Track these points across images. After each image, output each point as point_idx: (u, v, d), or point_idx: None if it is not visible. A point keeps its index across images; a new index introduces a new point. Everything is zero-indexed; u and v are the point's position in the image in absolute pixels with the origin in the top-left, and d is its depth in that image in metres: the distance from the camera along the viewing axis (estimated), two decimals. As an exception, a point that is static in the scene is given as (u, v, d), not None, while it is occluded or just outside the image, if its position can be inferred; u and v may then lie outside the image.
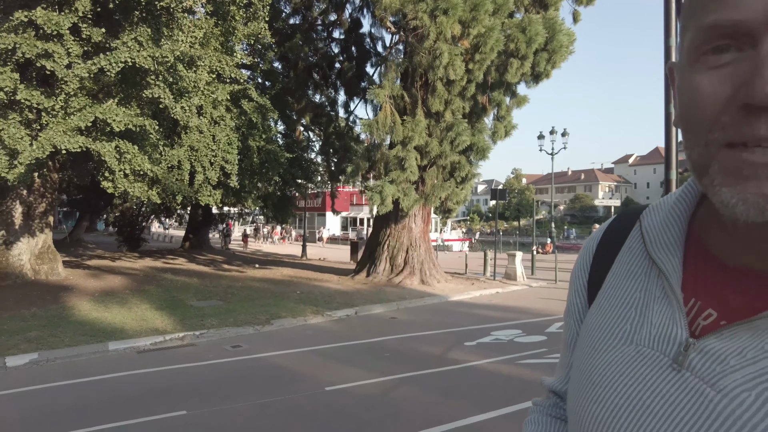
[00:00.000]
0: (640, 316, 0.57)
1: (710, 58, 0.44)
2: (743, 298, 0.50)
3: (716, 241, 0.54)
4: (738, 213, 0.43)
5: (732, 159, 0.42)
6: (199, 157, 11.33)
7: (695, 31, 0.45)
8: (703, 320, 0.52)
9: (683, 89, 0.47)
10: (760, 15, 0.40)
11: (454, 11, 9.92)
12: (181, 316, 8.67)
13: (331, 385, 5.39)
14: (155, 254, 19.94)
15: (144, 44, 8.30)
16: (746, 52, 0.42)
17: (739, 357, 0.46)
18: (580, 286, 0.72)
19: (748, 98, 0.40)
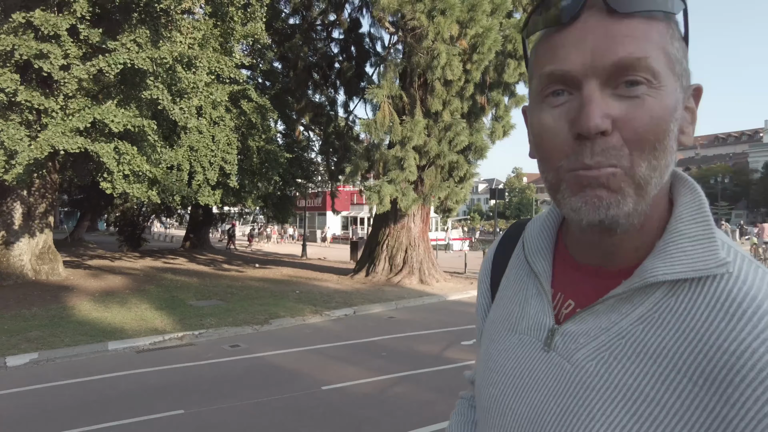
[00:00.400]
0: (521, 310, 0.70)
1: (551, 99, 0.56)
2: (590, 289, 0.63)
3: (573, 246, 0.67)
4: (582, 213, 0.54)
5: (574, 178, 0.54)
6: (198, 157, 11.39)
7: (538, 78, 0.57)
8: (565, 309, 0.65)
9: (534, 125, 0.59)
10: (580, 67, 0.52)
11: (452, 12, 9.95)
12: (181, 315, 8.72)
13: (329, 384, 5.44)
14: (156, 254, 20.00)
15: (143, 46, 8.35)
16: (574, 95, 0.54)
17: (586, 336, 0.59)
18: (484, 288, 0.84)
19: (578, 129, 0.52)
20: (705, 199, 0.60)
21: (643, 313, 0.56)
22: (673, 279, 0.54)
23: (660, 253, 0.56)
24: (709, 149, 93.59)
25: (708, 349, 0.51)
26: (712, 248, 0.55)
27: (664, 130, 0.52)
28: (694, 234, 0.56)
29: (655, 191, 0.55)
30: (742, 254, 0.57)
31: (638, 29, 0.52)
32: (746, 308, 0.51)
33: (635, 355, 0.55)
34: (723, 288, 0.53)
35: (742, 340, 0.49)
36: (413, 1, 10.21)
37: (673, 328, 0.54)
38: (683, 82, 0.56)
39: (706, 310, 0.53)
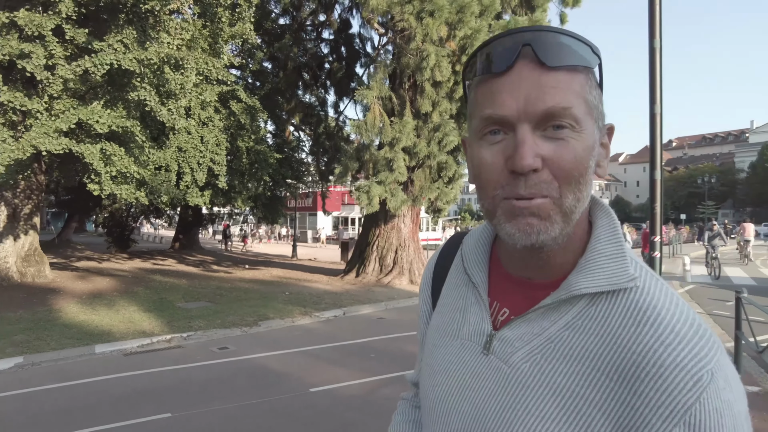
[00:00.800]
0: (462, 317, 0.78)
1: (489, 137, 0.64)
2: (522, 298, 0.71)
3: (506, 260, 0.75)
4: (516, 239, 0.62)
5: (509, 206, 0.62)
6: (187, 158, 11.32)
7: (478, 119, 0.65)
8: (501, 317, 0.73)
9: (473, 158, 0.67)
10: (514, 113, 0.60)
11: (441, 13, 9.98)
12: (169, 317, 8.67)
13: (317, 386, 5.44)
14: (145, 255, 19.86)
15: (129, 47, 8.29)
16: (509, 135, 0.62)
17: (521, 340, 0.68)
18: (426, 296, 0.91)
19: (512, 167, 0.60)
20: (617, 221, 0.70)
21: (569, 320, 0.65)
22: (594, 292, 0.64)
23: (582, 269, 0.65)
24: (696, 149, 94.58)
25: (621, 350, 0.60)
26: (624, 265, 0.65)
27: (585, 167, 0.62)
28: (609, 253, 0.66)
29: (577, 217, 0.64)
30: (647, 269, 0.67)
31: (563, 81, 0.61)
32: (649, 316, 0.61)
33: (563, 356, 0.64)
34: (632, 299, 0.63)
35: (646, 342, 0.59)
36: (402, 3, 10.22)
37: (594, 333, 0.63)
38: (599, 124, 0.66)
39: (620, 318, 0.62)
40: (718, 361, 0.58)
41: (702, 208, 58.01)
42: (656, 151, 13.32)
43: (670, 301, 0.63)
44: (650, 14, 13.12)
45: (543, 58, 0.60)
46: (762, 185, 60.73)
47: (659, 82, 13.07)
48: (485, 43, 0.65)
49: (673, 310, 0.61)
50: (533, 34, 0.61)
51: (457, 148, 12.18)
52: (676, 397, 0.56)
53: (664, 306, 0.62)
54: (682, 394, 0.55)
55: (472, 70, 0.67)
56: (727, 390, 0.57)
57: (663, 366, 0.57)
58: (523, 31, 0.62)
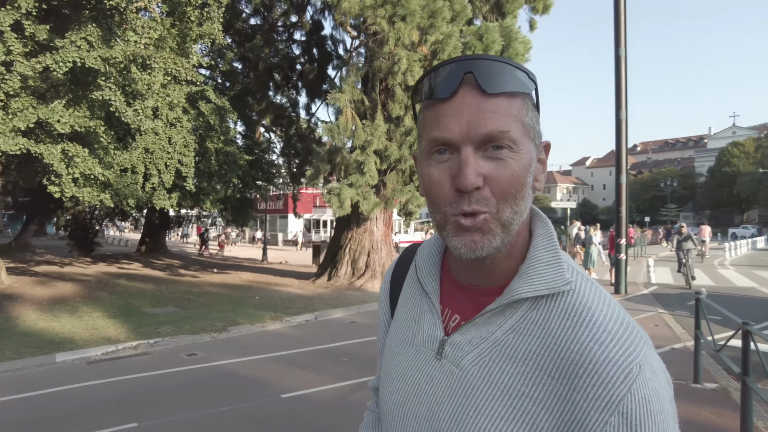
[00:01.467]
0: (417, 325, 0.82)
1: (436, 156, 0.69)
2: (471, 304, 0.76)
3: (455, 268, 0.80)
4: (462, 253, 0.68)
5: (456, 223, 0.67)
6: (154, 159, 11.05)
7: (426, 140, 0.70)
8: (452, 323, 0.77)
9: (423, 175, 0.71)
10: (458, 136, 0.66)
11: (413, 18, 10.03)
12: (135, 324, 8.44)
13: (288, 392, 5.37)
14: (109, 259, 19.28)
15: (94, 44, 8.04)
16: (454, 155, 0.67)
17: (470, 344, 0.72)
18: (384, 306, 0.95)
19: (458, 186, 0.66)
20: (554, 230, 0.76)
21: (513, 324, 0.70)
22: (533, 296, 0.69)
23: (523, 276, 0.71)
24: (659, 153, 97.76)
25: (561, 350, 0.65)
26: (560, 271, 0.71)
27: (522, 183, 0.67)
28: (547, 260, 0.72)
29: (516, 228, 0.69)
30: (581, 274, 0.73)
31: (502, 106, 0.66)
32: (585, 316, 0.66)
33: (508, 358, 0.69)
34: (569, 302, 0.69)
35: (582, 341, 0.64)
36: (375, 6, 10.23)
37: (536, 335, 0.68)
38: (536, 142, 0.71)
39: (559, 320, 0.68)
40: (645, 354, 0.63)
41: (665, 211, 59.99)
42: (622, 156, 13.69)
43: (602, 301, 0.68)
44: (615, 23, 13.48)
45: (483, 85, 0.66)
46: (719, 189, 63.19)
47: (624, 89, 13.45)
48: (432, 69, 0.70)
49: (605, 310, 0.67)
50: (475, 63, 0.67)
51: (428, 152, 12.23)
52: (611, 390, 0.61)
53: (597, 307, 0.67)
54: (615, 386, 0.61)
55: (420, 93, 0.72)
56: (653, 379, 0.63)
57: (598, 362, 0.62)
58: (466, 59, 0.67)
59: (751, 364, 4.24)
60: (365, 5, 10.25)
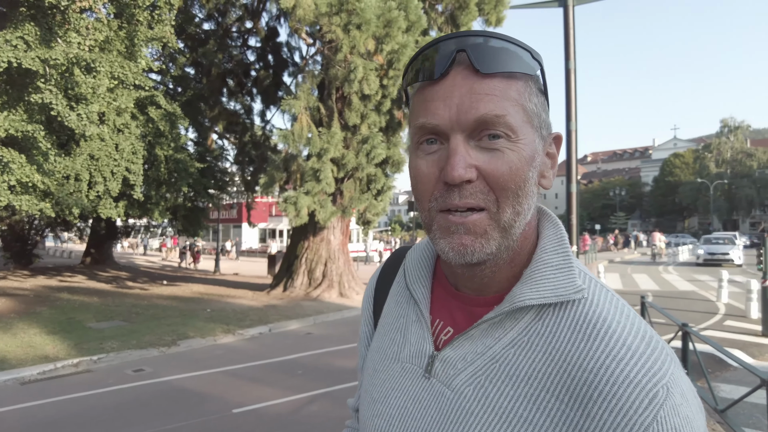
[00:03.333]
0: (402, 337, 0.72)
1: (425, 146, 0.61)
2: (466, 315, 0.66)
3: (450, 274, 0.69)
4: (450, 257, 0.59)
5: (444, 220, 0.59)
6: (99, 167, 10.57)
7: (414, 128, 0.62)
8: (444, 336, 0.67)
9: (411, 169, 0.63)
10: (447, 122, 0.57)
11: (368, 26, 10.05)
12: (77, 339, 7.98)
13: (240, 407, 5.19)
14: (50, 271, 18.27)
15: (32, 44, 7.62)
16: (444, 145, 0.59)
17: (463, 361, 0.62)
18: (367, 316, 0.85)
19: (445, 178, 0.57)
20: (565, 232, 0.66)
21: (514, 337, 0.60)
22: (539, 303, 0.59)
23: (527, 281, 0.61)
24: (609, 164, 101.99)
25: (571, 369, 0.55)
26: (570, 276, 0.60)
27: (523, 178, 0.58)
28: (556, 263, 0.62)
29: (519, 231, 0.60)
30: (595, 280, 0.63)
31: (498, 88, 0.57)
32: (599, 329, 0.56)
33: (508, 378, 0.59)
34: (581, 312, 0.59)
35: (597, 358, 0.55)
36: (330, 14, 10.20)
37: (541, 350, 0.58)
38: (542, 133, 0.62)
39: (568, 333, 0.58)
40: (672, 374, 0.54)
41: (614, 219, 62.49)
42: (572, 166, 14.16)
43: (620, 312, 0.59)
44: (565, 37, 13.98)
45: (477, 64, 0.57)
46: (664, 197, 66.44)
47: (574, 101, 13.94)
48: (423, 49, 0.62)
49: (624, 322, 0.57)
50: (469, 39, 0.58)
51: (385, 161, 12.27)
52: (633, 417, 0.51)
53: (614, 318, 0.57)
54: (638, 413, 0.51)
55: (408, 78, 0.64)
56: (684, 405, 0.53)
57: (616, 383, 0.53)
58: (460, 36, 0.59)
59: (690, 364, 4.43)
60: (320, 13, 10.20)
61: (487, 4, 12.93)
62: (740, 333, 8.33)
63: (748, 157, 59.53)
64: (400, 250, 0.86)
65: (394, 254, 0.87)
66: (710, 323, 9.22)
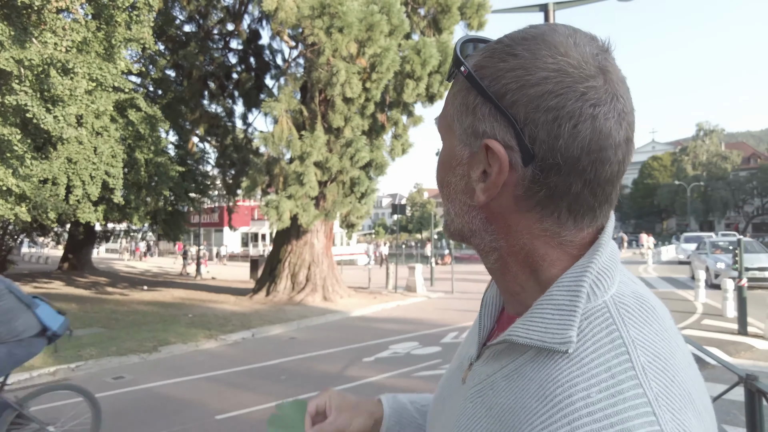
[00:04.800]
0: (471, 339, 0.71)
1: None
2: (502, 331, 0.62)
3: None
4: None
5: None
6: (78, 170, 10.36)
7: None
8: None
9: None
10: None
11: (350, 30, 10.05)
12: (54, 347, 7.78)
13: (222, 413, 5.12)
14: (25, 278, 17.84)
15: (5, 44, 7.44)
16: None
17: (478, 377, 0.61)
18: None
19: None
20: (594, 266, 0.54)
21: (511, 370, 0.56)
22: (524, 343, 0.54)
23: (528, 314, 0.55)
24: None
25: (525, 426, 0.50)
26: (567, 322, 0.51)
27: (441, 180, 0.62)
28: (559, 302, 0.53)
29: (459, 232, 0.61)
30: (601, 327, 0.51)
31: (448, 94, 0.60)
32: (558, 394, 0.48)
33: (490, 408, 0.56)
34: (556, 367, 0.50)
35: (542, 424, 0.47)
36: (312, 17, 10.18)
37: (518, 393, 0.53)
38: (464, 138, 0.56)
39: (537, 385, 0.51)
40: None
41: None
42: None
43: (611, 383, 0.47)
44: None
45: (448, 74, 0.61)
46: (643, 199, 67.59)
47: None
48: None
49: (598, 396, 0.46)
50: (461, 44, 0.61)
51: (369, 164, 12.27)
52: None
53: (590, 387, 0.47)
54: None
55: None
56: None
57: None
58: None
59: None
60: (302, 15, 10.18)
61: (469, 8, 13.04)
62: (717, 331, 8.50)
63: (722, 159, 60.95)
64: None
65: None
66: (689, 322, 9.40)
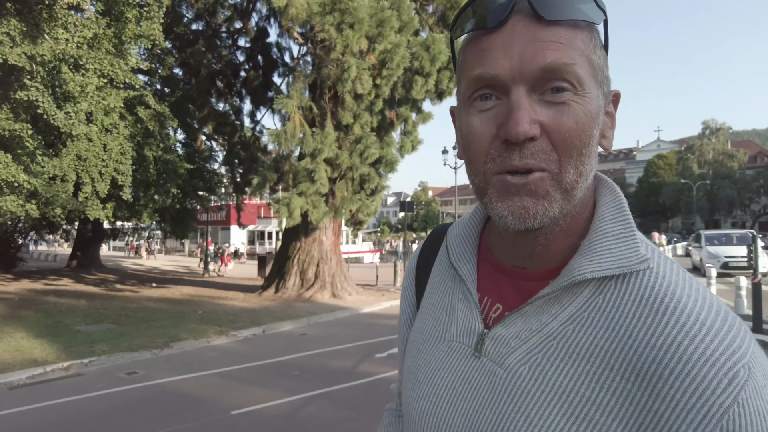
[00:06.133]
0: (448, 316, 0.68)
1: (479, 103, 0.56)
2: (516, 291, 0.62)
3: (497, 248, 0.67)
4: (508, 222, 0.54)
5: (501, 182, 0.54)
6: (87, 167, 10.37)
7: (466, 81, 0.57)
8: (493, 313, 0.64)
9: (462, 127, 0.59)
10: (508, 72, 0.53)
11: (361, 26, 10.01)
12: (66, 343, 7.81)
13: (237, 409, 5.10)
14: (35, 275, 17.92)
15: (17, 40, 7.43)
16: (502, 100, 0.54)
17: (517, 339, 0.59)
18: (409, 296, 0.82)
19: (506, 135, 0.52)
20: (624, 199, 0.62)
21: (573, 312, 0.56)
22: (600, 276, 0.55)
23: (586, 252, 0.57)
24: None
25: (637, 346, 0.52)
26: (633, 245, 0.57)
27: (589, 135, 0.54)
28: (617, 232, 0.58)
29: (580, 195, 0.56)
30: (658, 251, 0.59)
31: (564, 36, 0.53)
32: (668, 303, 0.52)
33: (568, 355, 0.55)
34: (646, 284, 0.55)
35: (668, 334, 0.51)
36: (322, 13, 10.14)
37: (603, 326, 0.54)
38: (604, 89, 0.58)
39: (633, 306, 0.54)
40: (753, 354, 0.49)
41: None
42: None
43: (689, 285, 0.54)
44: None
45: (540, 10, 0.52)
46: (647, 198, 67.26)
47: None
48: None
49: (695, 295, 0.53)
50: None
51: (378, 161, 12.24)
52: (710, 399, 0.47)
53: (684, 291, 0.53)
54: (716, 395, 0.47)
55: (460, 27, 0.59)
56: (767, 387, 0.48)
57: (690, 362, 0.48)
58: None
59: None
60: (313, 12, 10.14)
61: (478, 4, 12.97)
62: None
63: (729, 158, 60.54)
64: (440, 227, 0.82)
65: (434, 232, 0.83)
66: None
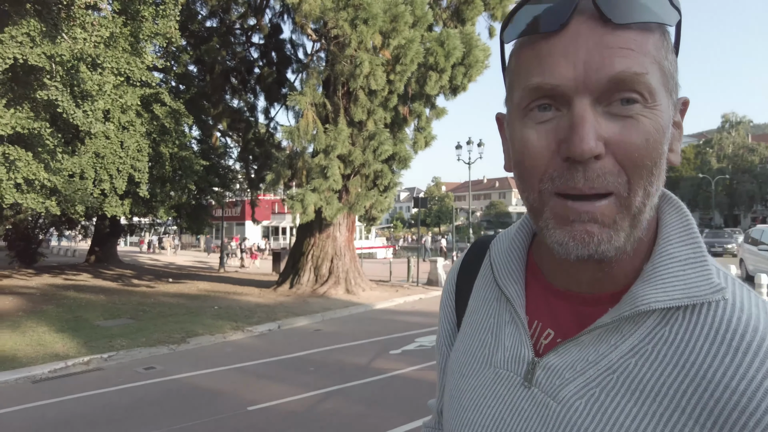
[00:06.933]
0: (494, 340, 0.64)
1: (536, 114, 0.51)
2: (571, 317, 0.57)
3: (548, 269, 0.61)
4: (570, 249, 0.49)
5: (561, 206, 0.49)
6: (105, 164, 10.53)
7: (522, 90, 0.51)
8: (544, 339, 0.59)
9: (515, 140, 0.53)
10: (571, 82, 0.47)
11: (375, 21, 9.99)
12: (86, 337, 7.95)
13: (254, 404, 5.16)
14: (54, 270, 18.25)
15: (37, 41, 7.55)
16: (562, 111, 0.49)
17: (572, 370, 0.54)
18: (449, 311, 0.77)
19: (568, 153, 0.47)
20: (692, 218, 0.55)
21: (635, 344, 0.51)
22: (667, 306, 0.50)
23: (650, 278, 0.51)
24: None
25: (714, 387, 0.46)
26: (705, 272, 0.51)
27: (660, 153, 0.49)
28: (685, 257, 0.52)
29: (648, 218, 0.51)
30: (733, 278, 0.53)
31: (634, 42, 0.47)
32: (750, 341, 0.46)
33: (630, 392, 0.50)
34: (721, 317, 0.49)
35: (752, 378, 0.45)
36: (336, 9, 10.14)
37: (671, 361, 0.49)
38: (674, 98, 0.52)
39: (706, 343, 0.48)
40: None
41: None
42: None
43: None
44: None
45: (608, 12, 0.46)
46: (664, 193, 66.34)
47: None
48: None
49: None
50: None
51: (392, 157, 12.22)
52: None
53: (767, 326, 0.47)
54: None
55: (514, 29, 0.53)
56: None
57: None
58: None
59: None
60: (326, 8, 10.14)
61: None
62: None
63: (749, 152, 59.37)
64: (482, 239, 0.77)
65: (476, 243, 0.78)
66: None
